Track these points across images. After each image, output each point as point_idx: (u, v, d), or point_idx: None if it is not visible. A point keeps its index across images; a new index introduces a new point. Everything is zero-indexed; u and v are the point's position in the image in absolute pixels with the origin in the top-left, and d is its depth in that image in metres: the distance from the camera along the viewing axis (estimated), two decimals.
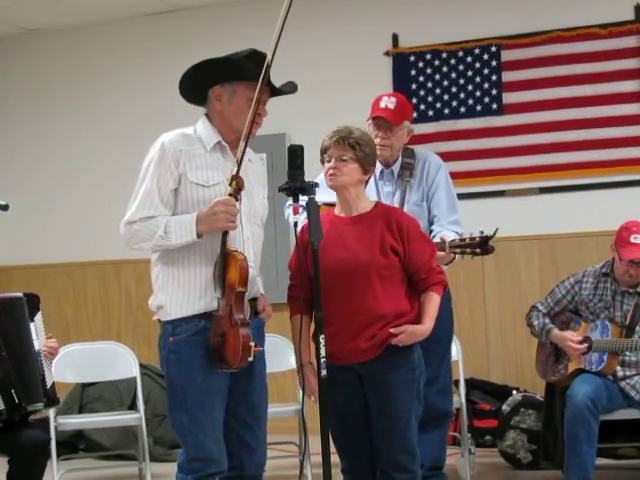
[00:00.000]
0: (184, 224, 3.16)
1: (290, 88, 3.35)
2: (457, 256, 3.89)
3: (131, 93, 7.20)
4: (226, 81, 3.26)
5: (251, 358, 3.12)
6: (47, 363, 4.05)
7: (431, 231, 4.15)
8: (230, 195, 3.14)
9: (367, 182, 3.55)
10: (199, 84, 3.29)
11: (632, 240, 4.51)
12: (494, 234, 3.81)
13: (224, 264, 3.13)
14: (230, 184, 3.14)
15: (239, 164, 3.15)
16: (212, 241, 3.19)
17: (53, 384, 4.07)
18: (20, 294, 4.06)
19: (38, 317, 4.07)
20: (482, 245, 3.82)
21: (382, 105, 4.20)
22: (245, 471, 3.31)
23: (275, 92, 3.33)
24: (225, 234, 3.15)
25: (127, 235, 3.24)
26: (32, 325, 4.03)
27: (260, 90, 3.13)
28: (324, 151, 3.46)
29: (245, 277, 3.13)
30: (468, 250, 3.83)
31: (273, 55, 3.09)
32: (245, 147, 3.17)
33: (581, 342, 4.54)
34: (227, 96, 3.27)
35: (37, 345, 4.02)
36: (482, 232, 3.82)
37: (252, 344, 3.10)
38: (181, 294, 3.22)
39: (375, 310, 3.36)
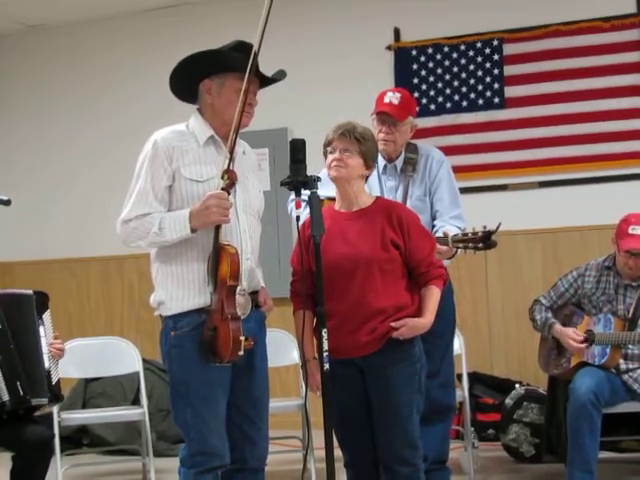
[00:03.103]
0: (178, 220, 3.16)
1: (279, 75, 3.34)
2: (459, 251, 3.89)
3: (131, 91, 7.19)
4: (214, 74, 3.26)
5: (241, 352, 3.10)
6: (53, 361, 4.06)
7: (433, 226, 4.15)
8: (223, 189, 3.13)
9: (367, 178, 3.56)
10: (188, 80, 3.28)
11: (630, 231, 4.51)
12: (497, 229, 3.80)
13: (217, 258, 3.12)
14: (222, 178, 3.13)
15: (230, 157, 3.15)
16: (208, 236, 3.18)
17: (58, 381, 4.08)
18: (30, 291, 4.10)
19: (47, 315, 4.10)
20: (485, 240, 3.80)
21: (387, 100, 4.19)
22: (247, 464, 3.32)
23: (264, 82, 3.32)
24: (218, 228, 3.14)
25: (124, 234, 3.24)
26: (40, 323, 4.06)
27: (248, 80, 3.11)
28: (328, 144, 3.47)
29: (236, 271, 3.12)
30: (471, 245, 3.82)
31: (260, 43, 3.08)
32: (236, 138, 3.16)
33: (582, 341, 4.54)
34: (216, 88, 3.26)
35: (44, 342, 4.04)
36: (485, 227, 3.81)
37: (242, 338, 3.09)
38: (181, 290, 3.22)
39: (376, 304, 3.37)
